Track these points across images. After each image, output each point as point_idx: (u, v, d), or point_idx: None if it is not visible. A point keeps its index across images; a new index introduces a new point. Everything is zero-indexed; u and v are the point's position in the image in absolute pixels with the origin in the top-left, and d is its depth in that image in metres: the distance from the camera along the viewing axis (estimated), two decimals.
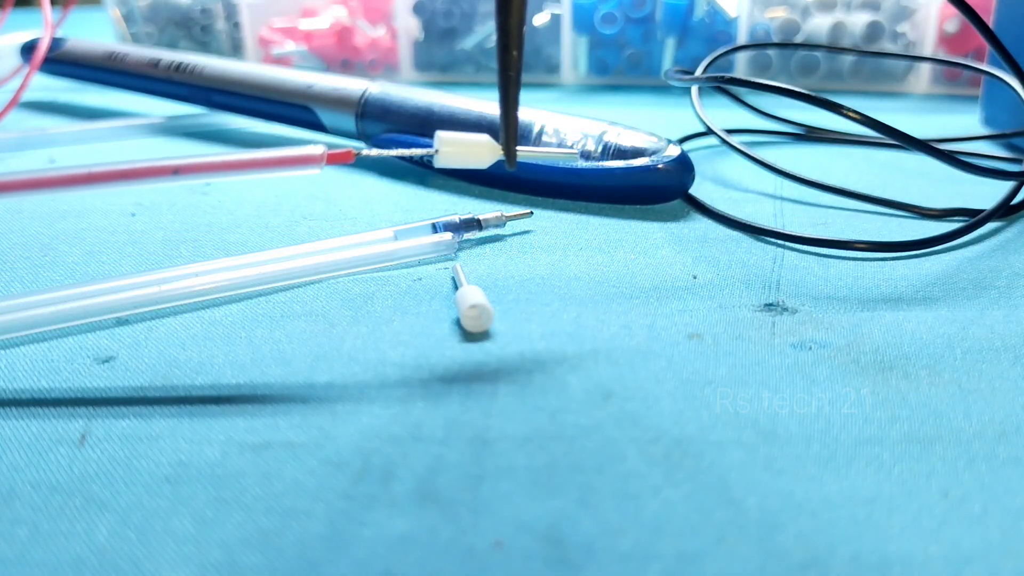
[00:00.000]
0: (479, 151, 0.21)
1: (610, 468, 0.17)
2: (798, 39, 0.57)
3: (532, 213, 0.30)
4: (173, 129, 0.45)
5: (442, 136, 0.21)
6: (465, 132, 0.22)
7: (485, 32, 0.60)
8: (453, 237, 0.28)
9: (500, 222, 0.29)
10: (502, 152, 0.22)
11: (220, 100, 0.42)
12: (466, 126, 0.35)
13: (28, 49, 0.54)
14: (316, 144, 0.21)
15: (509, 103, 0.21)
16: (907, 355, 0.21)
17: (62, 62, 0.50)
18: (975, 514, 0.16)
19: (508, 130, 0.21)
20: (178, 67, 0.44)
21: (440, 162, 0.22)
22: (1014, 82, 0.33)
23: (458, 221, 0.28)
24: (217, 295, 0.24)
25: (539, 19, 0.60)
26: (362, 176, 0.37)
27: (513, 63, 0.20)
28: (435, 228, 0.28)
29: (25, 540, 0.15)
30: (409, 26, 0.61)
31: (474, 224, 0.28)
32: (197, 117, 0.45)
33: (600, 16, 0.57)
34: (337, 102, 0.38)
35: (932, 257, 0.28)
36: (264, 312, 0.24)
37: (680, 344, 0.22)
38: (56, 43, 0.50)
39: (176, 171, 0.19)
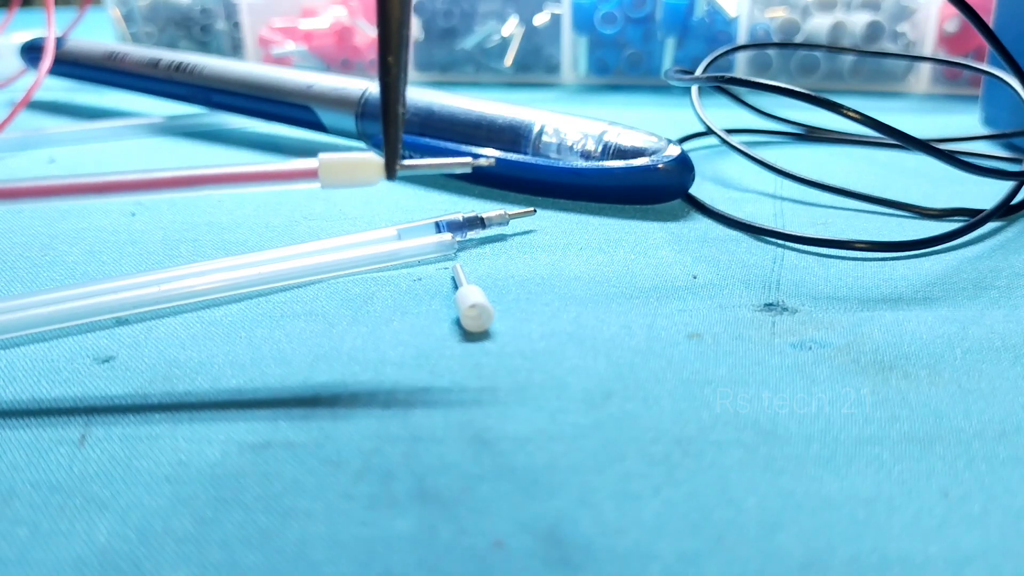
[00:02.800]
0: (364, 170, 0.20)
1: (610, 468, 0.17)
2: (798, 39, 0.58)
3: (535, 211, 0.30)
4: (173, 129, 0.45)
5: (324, 159, 0.20)
6: (349, 152, 0.21)
7: (485, 32, 0.60)
8: (453, 237, 0.28)
9: (503, 220, 0.29)
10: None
11: (220, 100, 0.42)
12: (466, 126, 0.35)
13: (28, 49, 0.54)
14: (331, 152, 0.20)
15: (388, 111, 0.20)
16: (907, 355, 0.21)
17: (62, 62, 0.50)
18: (975, 514, 0.16)
19: (388, 138, 0.20)
20: (178, 67, 0.44)
21: (324, 184, 0.21)
22: (1014, 82, 0.33)
23: (461, 219, 0.28)
24: (217, 295, 0.24)
25: (539, 19, 0.60)
26: None
27: (390, 70, 0.19)
28: (438, 226, 0.28)
29: (25, 540, 0.15)
30: None
31: (477, 222, 0.28)
32: (197, 117, 0.45)
33: (600, 16, 0.57)
34: (337, 102, 0.38)
35: (932, 257, 0.28)
36: (264, 312, 0.24)
37: (680, 344, 0.22)
38: (56, 43, 0.50)
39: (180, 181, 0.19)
